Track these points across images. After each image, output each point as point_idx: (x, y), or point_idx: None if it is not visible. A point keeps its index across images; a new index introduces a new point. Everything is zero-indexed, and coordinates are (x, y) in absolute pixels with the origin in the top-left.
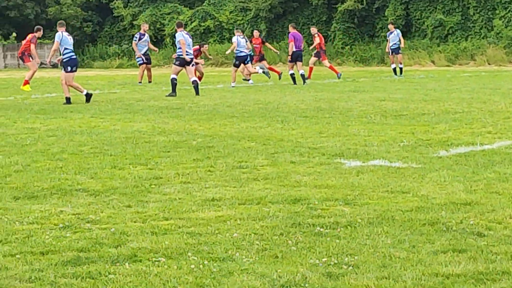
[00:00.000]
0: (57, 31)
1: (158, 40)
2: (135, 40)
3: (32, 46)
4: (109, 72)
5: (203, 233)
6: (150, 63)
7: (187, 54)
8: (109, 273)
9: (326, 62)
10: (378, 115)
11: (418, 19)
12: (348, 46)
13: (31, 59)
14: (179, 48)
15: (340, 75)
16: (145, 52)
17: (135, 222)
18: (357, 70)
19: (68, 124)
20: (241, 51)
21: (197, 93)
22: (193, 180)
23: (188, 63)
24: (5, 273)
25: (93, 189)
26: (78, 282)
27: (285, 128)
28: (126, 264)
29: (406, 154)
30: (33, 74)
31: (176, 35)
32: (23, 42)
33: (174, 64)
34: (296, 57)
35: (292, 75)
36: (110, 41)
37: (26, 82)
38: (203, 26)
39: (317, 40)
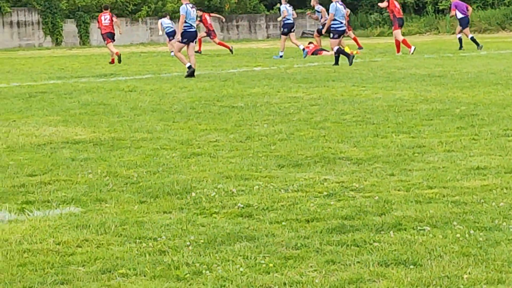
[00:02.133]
0: (181, 4)
1: (419, 7)
2: None
3: None
4: (370, 41)
5: (468, 202)
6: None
7: (340, 26)
8: (374, 241)
9: (350, 33)
10: None
11: None
12: None
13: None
14: (334, 20)
15: (362, 48)
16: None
17: (398, 190)
18: None
19: (330, 93)
20: (289, 19)
21: (336, 63)
22: (457, 149)
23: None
24: (272, 240)
25: (356, 158)
26: (343, 249)
27: None
28: (391, 232)
29: None
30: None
31: (331, 6)
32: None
33: (332, 38)
34: (466, 23)
35: (472, 38)
36: (371, 9)
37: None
38: None
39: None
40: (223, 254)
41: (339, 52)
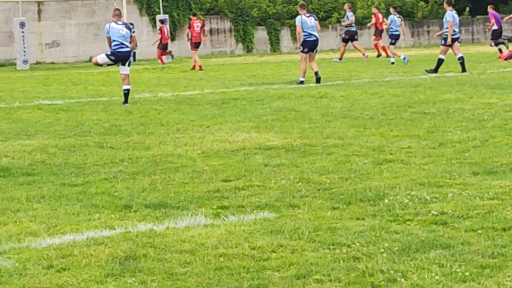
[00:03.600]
0: (298, 14)
1: None
2: None
3: None
4: None
5: None
6: None
7: (454, 34)
8: None
9: (380, 42)
10: None
11: None
12: None
13: None
14: (446, 28)
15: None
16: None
17: None
18: None
19: None
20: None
21: (463, 69)
22: None
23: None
24: (468, 248)
25: None
26: None
27: None
28: None
29: None
30: None
31: (447, 14)
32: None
33: (444, 45)
34: (498, 35)
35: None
36: None
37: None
38: None
39: (373, 20)
40: (418, 262)
41: (462, 60)
